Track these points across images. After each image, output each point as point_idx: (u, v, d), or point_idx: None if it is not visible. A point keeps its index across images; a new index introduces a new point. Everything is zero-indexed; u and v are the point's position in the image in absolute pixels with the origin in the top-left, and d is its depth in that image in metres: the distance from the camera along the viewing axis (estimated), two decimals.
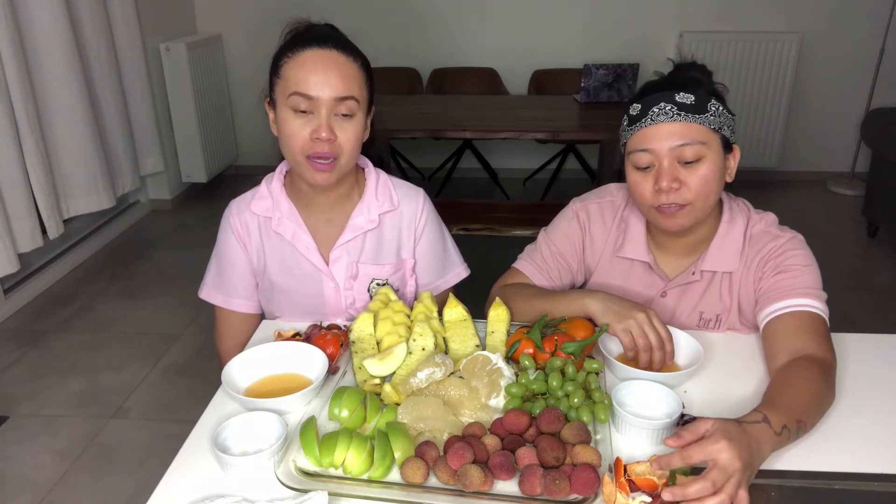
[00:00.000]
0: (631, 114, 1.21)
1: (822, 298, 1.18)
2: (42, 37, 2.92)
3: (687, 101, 1.15)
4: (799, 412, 0.96)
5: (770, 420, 0.92)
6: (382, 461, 0.91)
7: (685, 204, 1.17)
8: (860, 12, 4.03)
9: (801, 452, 0.97)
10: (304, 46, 1.22)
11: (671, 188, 1.15)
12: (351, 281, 1.37)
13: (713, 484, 0.82)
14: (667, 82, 1.20)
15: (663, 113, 1.15)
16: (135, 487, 2.00)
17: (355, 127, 1.24)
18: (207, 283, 1.42)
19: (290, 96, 1.20)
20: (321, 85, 1.19)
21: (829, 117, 4.30)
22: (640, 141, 1.18)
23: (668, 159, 1.16)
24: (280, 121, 1.24)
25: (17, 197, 2.76)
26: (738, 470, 0.83)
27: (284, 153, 1.28)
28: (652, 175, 1.18)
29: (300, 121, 1.21)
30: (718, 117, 1.16)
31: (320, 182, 1.25)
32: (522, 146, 4.46)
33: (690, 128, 1.14)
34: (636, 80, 3.28)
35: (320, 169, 1.23)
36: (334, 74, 1.20)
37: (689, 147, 1.14)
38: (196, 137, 4.05)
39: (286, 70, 1.22)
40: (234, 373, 1.11)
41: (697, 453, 0.84)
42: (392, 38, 4.25)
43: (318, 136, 1.20)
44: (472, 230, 2.95)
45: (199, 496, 0.90)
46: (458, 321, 1.22)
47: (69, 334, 2.81)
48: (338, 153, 1.23)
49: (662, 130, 1.15)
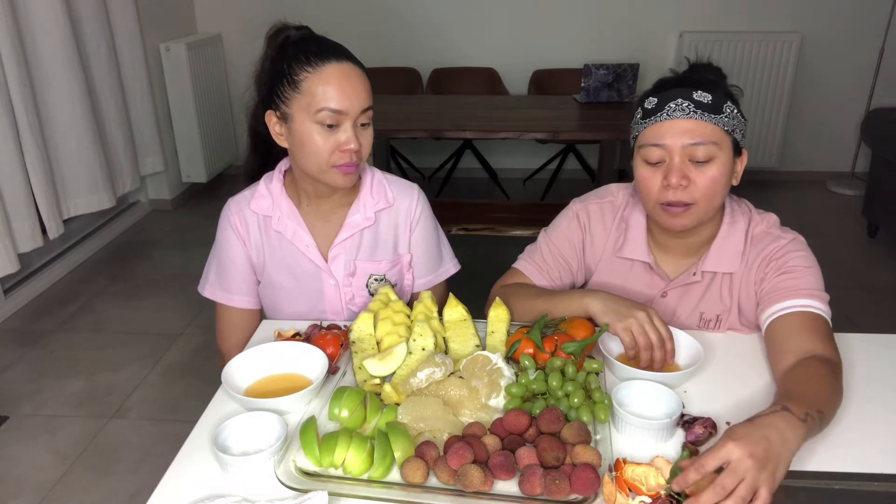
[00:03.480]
0: (646, 107, 1.20)
1: (824, 300, 1.18)
2: (42, 37, 2.92)
3: (704, 100, 1.15)
4: (818, 403, 0.95)
5: (791, 409, 0.90)
6: (382, 461, 0.91)
7: (691, 203, 1.17)
8: (860, 12, 4.03)
9: (801, 452, 0.96)
10: (323, 60, 1.23)
11: (679, 185, 1.15)
12: (349, 278, 1.39)
13: (723, 488, 0.80)
14: (684, 79, 1.20)
15: (679, 109, 1.15)
16: (135, 487, 2.00)
17: (371, 133, 1.31)
18: (209, 281, 1.43)
19: (319, 112, 1.22)
20: (350, 99, 1.23)
21: (829, 117, 4.30)
22: (654, 135, 1.18)
23: (679, 156, 1.15)
24: (301, 135, 1.25)
25: (17, 197, 2.76)
26: (751, 468, 0.81)
27: (305, 164, 1.28)
28: (661, 171, 1.17)
29: (326, 133, 1.24)
30: (732, 119, 1.17)
31: (347, 184, 1.30)
32: (522, 146, 4.45)
33: (705, 127, 1.14)
34: (636, 80, 3.28)
35: (348, 171, 1.27)
36: (359, 87, 1.25)
37: (701, 147, 1.14)
38: (196, 137, 4.05)
39: (308, 86, 1.22)
40: (234, 373, 1.11)
41: (710, 460, 0.82)
42: (392, 39, 4.25)
43: (349, 147, 1.24)
44: (472, 230, 2.96)
45: (199, 496, 0.90)
46: (458, 321, 1.22)
47: (69, 334, 2.81)
48: (360, 160, 1.29)
49: (677, 127, 1.15)
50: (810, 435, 0.92)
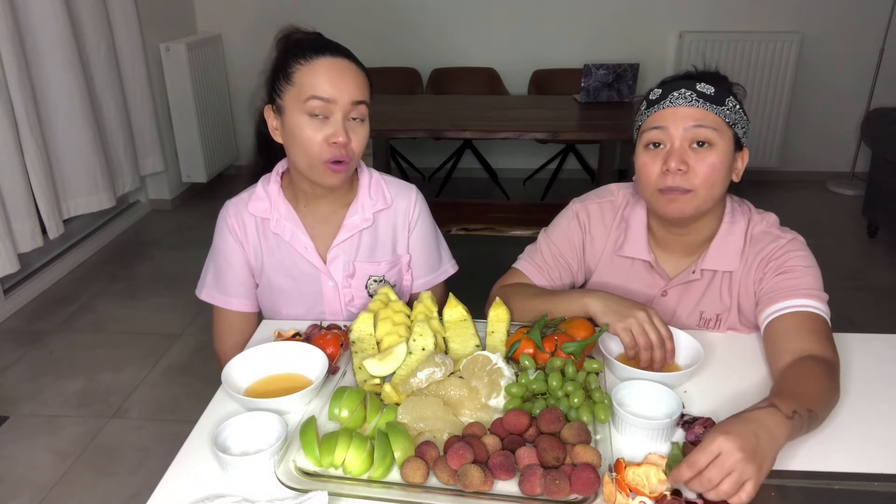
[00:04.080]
0: (650, 98, 1.23)
1: (823, 300, 1.18)
2: (42, 37, 2.92)
3: (707, 91, 1.17)
4: (809, 401, 0.95)
5: (779, 406, 0.91)
6: (382, 461, 0.91)
7: (689, 189, 1.17)
8: (860, 12, 4.03)
9: (801, 452, 0.97)
10: (316, 54, 1.24)
11: (678, 170, 1.16)
12: (349, 279, 1.39)
13: (710, 481, 0.82)
14: (687, 75, 1.23)
15: (682, 97, 1.17)
16: (135, 487, 2.00)
17: (365, 131, 1.28)
18: (206, 284, 1.43)
19: (307, 101, 1.22)
20: (338, 88, 1.22)
21: (829, 117, 4.30)
22: (656, 120, 1.19)
23: (679, 141, 1.17)
24: (292, 127, 1.25)
25: (17, 197, 2.76)
26: (739, 461, 0.82)
27: (296, 158, 1.28)
28: (661, 156, 1.18)
29: (315, 125, 1.23)
30: (734, 113, 1.19)
31: (335, 183, 1.28)
32: (522, 146, 4.46)
33: (706, 115, 1.16)
34: (636, 80, 3.28)
35: (336, 170, 1.26)
36: (350, 79, 1.24)
37: (702, 129, 1.16)
38: (196, 137, 4.05)
39: (300, 77, 1.23)
40: (234, 373, 1.11)
41: (701, 456, 0.83)
42: (392, 39, 4.25)
43: (336, 140, 1.23)
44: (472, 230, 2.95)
45: (199, 496, 0.90)
46: (458, 321, 1.22)
47: (69, 334, 2.81)
48: (351, 157, 1.26)
49: (679, 113, 1.17)
50: (796, 433, 0.93)
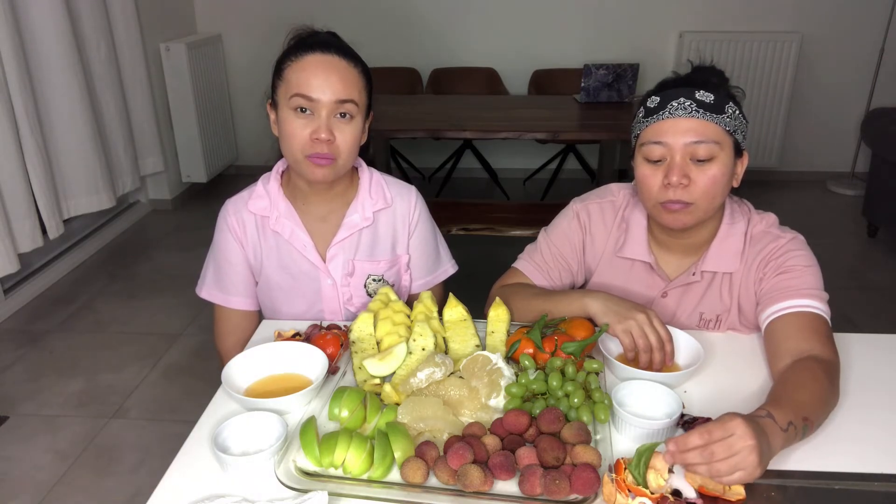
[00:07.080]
0: (648, 106, 1.21)
1: (823, 299, 1.18)
2: (42, 37, 2.92)
3: (706, 100, 1.15)
4: (805, 410, 0.96)
5: (775, 416, 0.91)
6: (382, 461, 0.91)
7: (690, 202, 1.17)
8: (860, 12, 4.03)
9: (801, 452, 0.97)
10: (307, 51, 1.25)
11: (680, 184, 1.15)
12: (348, 278, 1.39)
13: (712, 454, 0.81)
14: (686, 80, 1.21)
15: (682, 108, 1.15)
16: (135, 487, 2.00)
17: (353, 129, 1.27)
18: (207, 282, 1.43)
19: (292, 97, 1.23)
20: (322, 87, 1.22)
21: (829, 117, 4.30)
22: (655, 133, 1.18)
23: (680, 155, 1.16)
24: (281, 121, 1.27)
25: (17, 197, 2.76)
26: (745, 449, 0.82)
27: (285, 153, 1.31)
28: (662, 169, 1.18)
29: (301, 121, 1.24)
30: (734, 120, 1.17)
31: (319, 178, 1.28)
32: (522, 146, 4.45)
33: (707, 126, 1.15)
34: (636, 80, 3.28)
35: (319, 164, 1.26)
36: (335, 78, 1.23)
37: (703, 145, 1.15)
38: (196, 137, 4.05)
39: (289, 73, 1.25)
40: (234, 373, 1.11)
41: (717, 430, 0.83)
42: (392, 39, 4.25)
43: (318, 137, 1.23)
44: (472, 230, 2.95)
45: (199, 496, 0.90)
46: (458, 321, 1.22)
47: (69, 334, 2.81)
48: (336, 154, 1.26)
49: (679, 125, 1.15)
50: (789, 444, 0.93)
